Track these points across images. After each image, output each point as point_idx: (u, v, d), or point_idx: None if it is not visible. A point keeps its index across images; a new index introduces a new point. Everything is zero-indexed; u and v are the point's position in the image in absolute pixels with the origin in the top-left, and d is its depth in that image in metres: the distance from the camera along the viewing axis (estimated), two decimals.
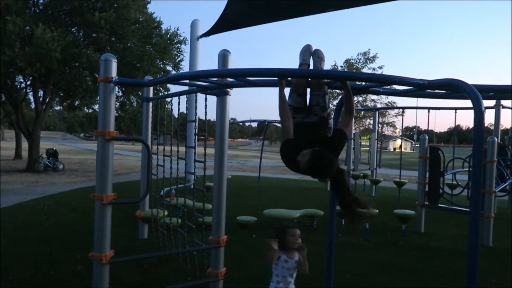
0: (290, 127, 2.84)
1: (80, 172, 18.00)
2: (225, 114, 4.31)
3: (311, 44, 3.38)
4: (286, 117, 2.85)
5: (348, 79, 3.05)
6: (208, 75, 3.24)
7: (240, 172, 20.82)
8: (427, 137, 8.55)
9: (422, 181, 8.18)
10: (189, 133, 11.34)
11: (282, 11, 8.06)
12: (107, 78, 3.73)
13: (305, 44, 3.41)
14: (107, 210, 3.77)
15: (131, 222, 7.37)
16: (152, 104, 6.51)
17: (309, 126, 3.03)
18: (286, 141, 2.82)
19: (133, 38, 16.74)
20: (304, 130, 2.95)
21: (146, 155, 4.34)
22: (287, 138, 2.82)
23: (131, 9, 16.22)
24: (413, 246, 6.80)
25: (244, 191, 12.79)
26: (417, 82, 2.86)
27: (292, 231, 3.26)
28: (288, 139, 2.81)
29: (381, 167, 14.83)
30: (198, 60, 13.80)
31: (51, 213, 8.58)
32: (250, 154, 48.08)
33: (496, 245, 7.01)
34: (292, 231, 3.26)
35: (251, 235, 7.06)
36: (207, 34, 12.68)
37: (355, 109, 14.52)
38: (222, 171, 4.36)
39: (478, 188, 2.55)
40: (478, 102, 2.47)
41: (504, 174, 9.85)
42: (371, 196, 12.63)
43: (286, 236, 3.26)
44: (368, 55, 28.69)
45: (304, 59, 3.31)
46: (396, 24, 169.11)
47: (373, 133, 14.25)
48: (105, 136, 3.71)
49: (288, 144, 2.81)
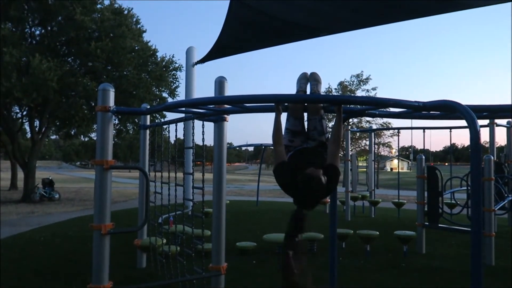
0: (282, 151, 2.89)
1: (76, 201, 17.82)
2: (223, 140, 4.33)
3: (307, 72, 3.47)
4: (278, 141, 2.90)
5: (345, 103, 3.10)
6: (206, 103, 3.28)
7: (238, 197, 20.69)
8: (424, 156, 8.58)
9: (421, 201, 8.16)
10: (186, 159, 11.33)
11: (276, 37, 8.22)
12: (105, 107, 3.76)
13: (301, 72, 3.52)
14: (106, 240, 3.72)
15: (129, 251, 7.26)
16: (149, 131, 6.53)
17: (308, 152, 3.06)
18: (280, 164, 2.85)
19: (129, 66, 16.93)
20: (303, 155, 2.97)
21: (144, 183, 4.32)
22: (280, 161, 2.85)
23: (127, 38, 16.48)
24: (415, 268, 6.72)
25: (242, 215, 12.68)
26: (412, 104, 2.91)
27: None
28: (282, 162, 2.85)
29: (379, 187, 14.80)
30: (194, 87, 13.92)
31: (47, 244, 8.45)
32: (247, 178, 47.92)
33: (498, 264, 6.95)
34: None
35: (251, 261, 6.96)
36: (202, 61, 12.85)
37: (350, 131, 14.64)
38: (221, 197, 4.35)
39: (478, 207, 2.56)
40: (474, 123, 2.51)
41: (502, 191, 9.85)
42: (369, 217, 12.55)
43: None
44: (361, 77, 29.13)
45: (300, 86, 3.38)
46: (387, 45, 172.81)
47: (370, 154, 14.30)
48: (103, 165, 3.71)
49: (282, 166, 2.84)
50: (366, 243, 7.54)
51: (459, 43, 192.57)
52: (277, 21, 7.05)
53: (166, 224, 6.89)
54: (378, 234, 7.79)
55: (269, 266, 6.75)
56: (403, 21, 6.85)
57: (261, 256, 7.27)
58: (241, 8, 6.84)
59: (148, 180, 4.24)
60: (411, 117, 3.77)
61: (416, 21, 31.70)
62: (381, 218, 12.31)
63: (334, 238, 3.87)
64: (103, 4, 17.18)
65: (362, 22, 7.07)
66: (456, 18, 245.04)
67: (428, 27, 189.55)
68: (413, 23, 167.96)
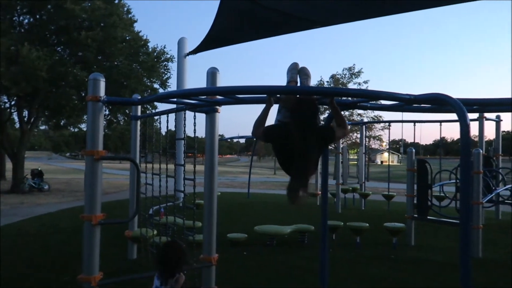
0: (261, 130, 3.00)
1: (66, 192, 17.69)
2: (215, 131, 4.32)
3: (297, 62, 3.45)
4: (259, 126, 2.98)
5: (337, 95, 3.10)
6: (198, 93, 3.26)
7: (229, 189, 20.71)
8: (414, 150, 8.66)
9: (410, 193, 8.25)
10: (178, 150, 11.29)
11: (269, 28, 8.17)
12: (95, 97, 3.72)
13: (292, 62, 3.50)
14: (96, 230, 3.71)
15: (119, 242, 7.24)
16: (140, 122, 6.49)
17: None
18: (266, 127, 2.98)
19: (120, 56, 16.75)
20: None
21: (135, 174, 4.30)
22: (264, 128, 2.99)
23: (118, 27, 16.27)
24: (404, 259, 6.81)
25: (234, 207, 12.70)
26: (404, 97, 2.92)
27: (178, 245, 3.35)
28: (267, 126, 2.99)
29: (369, 180, 14.92)
30: (185, 78, 13.83)
31: (37, 234, 8.39)
32: (239, 170, 47.95)
33: (486, 256, 7.07)
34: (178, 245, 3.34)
35: (242, 253, 6.99)
36: (194, 52, 12.76)
37: None
38: (213, 189, 4.35)
39: (467, 200, 2.59)
40: (464, 116, 2.53)
41: (490, 185, 10.00)
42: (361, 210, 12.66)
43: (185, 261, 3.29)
44: (353, 70, 29.17)
45: (291, 77, 3.38)
46: (380, 39, 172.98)
47: (361, 146, 14.38)
48: (93, 155, 3.68)
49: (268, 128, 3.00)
50: (356, 235, 7.62)
51: (451, 37, 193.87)
52: (269, 12, 7.01)
53: (157, 215, 6.89)
54: (368, 226, 7.88)
55: (260, 257, 6.79)
56: (396, 14, 6.85)
57: (252, 248, 7.30)
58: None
59: (139, 171, 4.22)
60: (402, 110, 3.79)
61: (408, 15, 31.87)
62: (371, 211, 12.43)
63: (325, 230, 3.90)
64: None
65: (356, 14, 7.05)
66: (447, 13, 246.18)
67: (421, 21, 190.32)
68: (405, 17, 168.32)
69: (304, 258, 6.72)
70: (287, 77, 3.42)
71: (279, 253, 7.12)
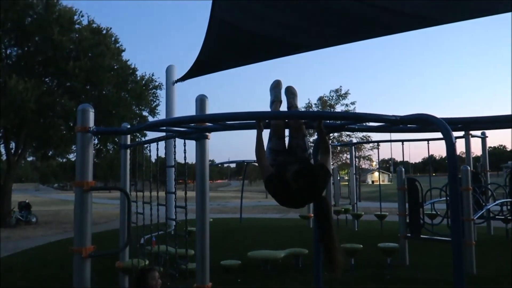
0: (267, 165, 2.88)
1: (54, 224, 17.32)
2: (205, 158, 4.32)
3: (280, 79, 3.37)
4: (262, 157, 2.90)
5: (325, 118, 3.15)
6: (188, 121, 3.28)
7: (221, 214, 20.51)
8: (403, 168, 8.73)
9: (402, 212, 8.27)
10: (168, 178, 11.21)
11: (256, 54, 8.32)
12: (84, 128, 3.72)
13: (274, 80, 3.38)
14: (87, 263, 3.63)
15: (110, 274, 7.07)
16: (130, 150, 6.46)
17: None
18: (269, 177, 2.82)
19: (108, 85, 16.79)
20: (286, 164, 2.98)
21: (126, 204, 4.26)
22: (268, 174, 2.83)
23: (106, 57, 16.39)
24: (400, 279, 6.76)
25: (226, 233, 12.56)
26: (390, 118, 2.98)
27: (153, 274, 3.48)
28: (270, 174, 2.82)
29: (361, 200, 14.94)
30: (174, 105, 13.88)
31: (25, 269, 8.16)
32: (230, 194, 47.59)
33: (480, 272, 7.06)
34: (153, 274, 3.48)
35: (236, 280, 6.88)
36: (182, 79, 12.87)
37: (331, 145, 14.79)
38: (205, 216, 4.31)
39: (457, 217, 2.61)
40: (449, 135, 2.58)
41: (480, 201, 10.08)
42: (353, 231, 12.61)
43: (148, 279, 3.44)
44: (340, 91, 29.66)
45: (276, 96, 3.31)
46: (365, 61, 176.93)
47: (351, 167, 14.46)
48: (83, 186, 3.64)
49: (271, 178, 2.81)
50: (350, 257, 7.56)
51: (435, 58, 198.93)
52: (256, 38, 7.15)
53: (148, 244, 6.78)
54: (362, 247, 7.84)
55: (255, 283, 6.68)
56: (380, 37, 7.04)
57: (246, 274, 7.19)
58: (220, 26, 6.92)
59: (129, 200, 4.18)
60: (390, 131, 3.86)
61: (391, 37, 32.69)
62: (364, 231, 12.39)
63: (318, 253, 3.87)
64: (82, 24, 17.08)
65: (340, 38, 7.23)
66: (431, 34, 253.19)
67: (404, 42, 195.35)
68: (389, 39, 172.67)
69: (298, 281, 6.64)
70: (270, 96, 3.35)
71: (274, 278, 7.02)
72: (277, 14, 6.17)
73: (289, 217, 17.93)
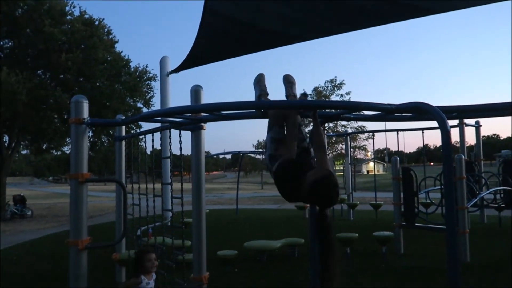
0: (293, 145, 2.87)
1: (50, 217, 17.28)
2: (201, 149, 4.31)
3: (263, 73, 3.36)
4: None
5: (320, 108, 3.15)
6: (183, 111, 3.26)
7: (217, 206, 20.56)
8: (398, 158, 8.77)
9: (397, 202, 8.32)
10: (164, 169, 11.20)
11: (249, 45, 8.28)
12: (78, 119, 3.69)
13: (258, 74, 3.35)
14: (83, 255, 3.63)
15: (107, 266, 7.08)
16: (124, 143, 6.43)
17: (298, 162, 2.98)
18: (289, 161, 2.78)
19: (102, 77, 16.65)
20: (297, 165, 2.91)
21: (122, 196, 4.25)
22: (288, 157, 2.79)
23: (98, 49, 16.22)
24: (395, 268, 6.83)
25: (222, 224, 12.60)
26: (385, 107, 2.98)
27: (149, 255, 3.67)
28: (291, 160, 2.79)
29: (356, 190, 15.03)
30: (169, 96, 13.81)
31: (21, 263, 8.15)
32: (226, 186, 47.66)
33: (473, 260, 7.15)
34: (149, 256, 3.66)
35: (233, 270, 6.91)
36: (176, 70, 12.80)
37: (327, 136, 14.81)
38: (201, 207, 4.32)
39: (451, 205, 2.63)
40: (444, 123, 2.59)
41: (474, 189, 10.17)
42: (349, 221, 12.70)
43: (145, 261, 3.62)
44: (335, 82, 29.65)
45: (261, 89, 3.27)
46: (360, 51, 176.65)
47: (346, 157, 14.51)
48: (78, 178, 3.63)
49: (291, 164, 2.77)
50: (346, 246, 7.63)
51: (429, 46, 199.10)
52: (250, 29, 7.12)
53: (145, 236, 6.78)
54: (357, 236, 7.90)
55: (252, 273, 6.73)
56: (375, 27, 7.03)
57: (243, 264, 7.23)
58: (214, 17, 6.87)
59: (125, 192, 4.17)
60: (385, 120, 3.86)
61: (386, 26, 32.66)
62: (360, 221, 12.48)
63: (314, 243, 3.89)
64: (73, 15, 16.87)
65: (335, 29, 7.21)
66: (426, 22, 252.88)
67: (399, 31, 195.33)
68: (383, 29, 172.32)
69: (295, 271, 6.69)
70: (255, 91, 3.29)
71: (270, 268, 7.06)
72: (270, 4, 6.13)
73: (285, 207, 18.01)
